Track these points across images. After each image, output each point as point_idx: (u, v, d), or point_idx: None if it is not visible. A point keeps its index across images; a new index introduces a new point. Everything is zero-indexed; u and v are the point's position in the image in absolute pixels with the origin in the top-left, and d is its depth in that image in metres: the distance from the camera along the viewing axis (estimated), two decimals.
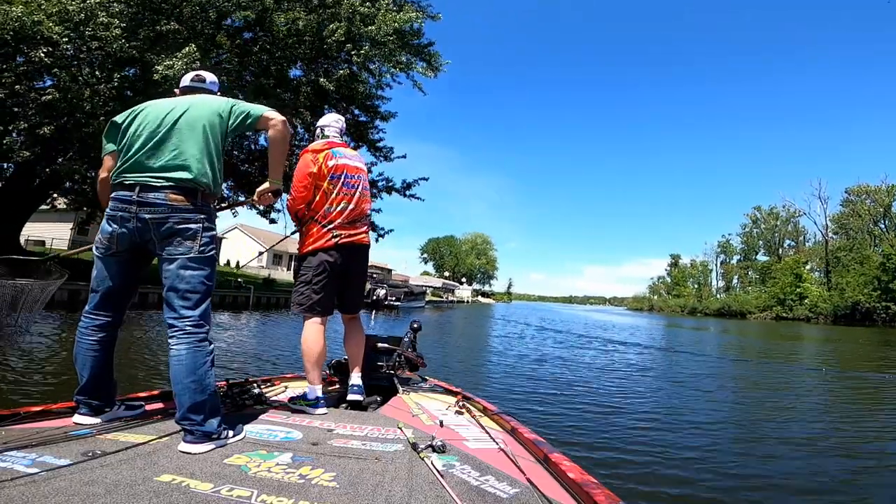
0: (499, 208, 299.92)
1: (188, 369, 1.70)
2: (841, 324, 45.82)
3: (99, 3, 9.66)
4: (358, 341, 2.63)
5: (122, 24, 9.83)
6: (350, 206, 2.49)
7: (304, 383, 2.50)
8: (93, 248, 1.92)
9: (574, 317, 40.39)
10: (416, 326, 3.63)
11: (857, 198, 60.48)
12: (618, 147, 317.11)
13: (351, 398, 2.50)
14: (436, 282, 72.99)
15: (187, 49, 9.72)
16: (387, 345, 3.22)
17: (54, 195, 16.34)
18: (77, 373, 1.85)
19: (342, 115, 4.13)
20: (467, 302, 74.80)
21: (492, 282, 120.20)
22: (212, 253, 1.84)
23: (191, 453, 1.56)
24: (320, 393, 2.32)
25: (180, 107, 1.88)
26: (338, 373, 2.98)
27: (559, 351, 12.12)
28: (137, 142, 1.82)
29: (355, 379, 2.54)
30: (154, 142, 1.81)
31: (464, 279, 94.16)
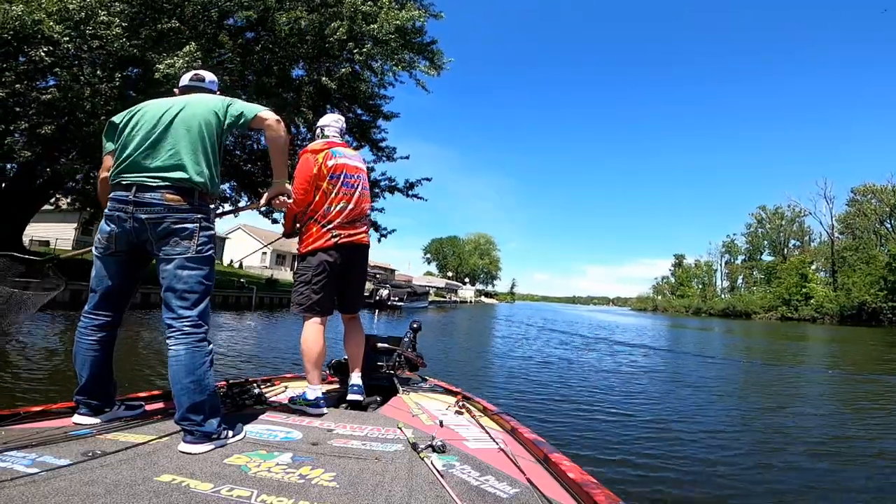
0: (499, 208, 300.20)
1: (187, 369, 1.69)
2: (847, 324, 45.58)
3: (99, 2, 9.64)
4: (358, 341, 2.63)
5: (122, 22, 9.80)
6: (350, 206, 2.48)
7: (304, 383, 2.50)
8: (92, 248, 1.92)
9: (578, 317, 40.29)
10: (415, 326, 3.62)
11: (863, 197, 60.13)
12: (618, 147, 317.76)
13: (351, 398, 2.50)
14: (439, 282, 73.13)
15: (189, 48, 9.70)
16: (387, 345, 3.22)
17: (57, 195, 16.40)
18: (77, 373, 1.85)
19: (344, 114, 4.12)
20: (470, 302, 74.86)
21: (495, 282, 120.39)
22: (210, 253, 1.83)
23: (191, 453, 1.55)
24: (320, 393, 2.32)
25: (176, 106, 1.88)
26: (338, 373, 2.98)
27: (563, 352, 12.10)
28: (134, 141, 1.82)
29: (355, 379, 2.54)
30: (150, 142, 1.80)
31: (467, 279, 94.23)
